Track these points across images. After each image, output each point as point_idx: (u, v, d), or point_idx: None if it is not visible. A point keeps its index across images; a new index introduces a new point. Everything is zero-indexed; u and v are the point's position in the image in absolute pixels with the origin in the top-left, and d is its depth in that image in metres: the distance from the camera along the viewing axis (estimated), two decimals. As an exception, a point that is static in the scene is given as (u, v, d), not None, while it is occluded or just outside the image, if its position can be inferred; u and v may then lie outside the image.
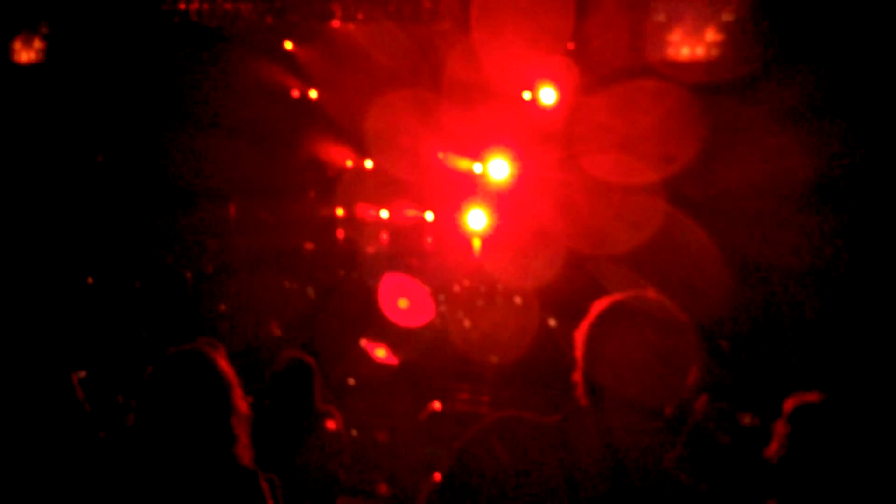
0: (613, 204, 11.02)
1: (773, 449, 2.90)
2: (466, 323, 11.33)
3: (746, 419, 5.20)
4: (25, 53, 12.07)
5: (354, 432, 7.43)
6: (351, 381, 9.50)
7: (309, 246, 13.15)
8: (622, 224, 10.83)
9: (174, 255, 12.29)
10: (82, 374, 4.86)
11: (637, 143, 10.83)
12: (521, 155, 11.87)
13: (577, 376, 2.05)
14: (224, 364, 2.51)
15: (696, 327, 2.04)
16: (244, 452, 2.49)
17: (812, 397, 2.89)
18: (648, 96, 10.31)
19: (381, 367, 10.39)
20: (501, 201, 12.34)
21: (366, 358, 10.54)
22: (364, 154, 13.44)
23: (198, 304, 10.31)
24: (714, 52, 10.63)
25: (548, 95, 11.34)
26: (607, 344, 2.00)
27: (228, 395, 2.47)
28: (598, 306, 2.07)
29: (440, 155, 12.40)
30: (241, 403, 2.53)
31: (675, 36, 10.89)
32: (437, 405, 9.63)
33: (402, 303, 11.34)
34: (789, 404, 2.93)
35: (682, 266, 10.08)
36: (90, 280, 11.58)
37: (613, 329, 2.01)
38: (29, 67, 12.08)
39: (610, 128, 10.83)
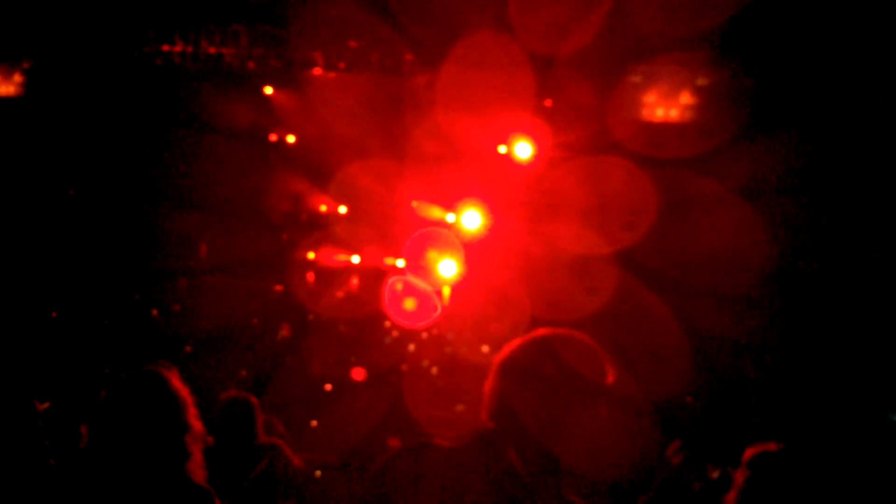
0: (574, 270, 11.20)
1: (731, 496, 2.98)
2: (433, 370, 11.36)
3: (713, 470, 5.27)
4: (4, 86, 12.13)
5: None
6: (313, 423, 9.47)
7: (279, 287, 13.17)
8: (581, 290, 11.02)
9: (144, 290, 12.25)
10: (45, 405, 4.85)
11: (600, 212, 11.06)
12: (493, 208, 12.04)
13: (485, 403, 2.06)
14: (177, 383, 2.52)
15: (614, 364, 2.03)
16: (198, 470, 2.48)
17: (770, 447, 2.98)
18: (617, 163, 10.55)
19: (345, 410, 10.38)
20: (471, 253, 12.49)
21: (330, 400, 10.51)
22: (338, 199, 13.56)
23: (164, 338, 10.31)
24: (686, 115, 10.91)
25: (523, 150, 11.55)
26: (518, 374, 2.00)
27: (181, 413, 2.47)
28: (518, 340, 2.08)
29: (414, 203, 12.55)
30: (195, 422, 2.52)
31: (650, 98, 11.18)
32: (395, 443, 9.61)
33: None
34: (748, 453, 3.01)
35: (641, 333, 10.26)
36: (54, 314, 11.50)
37: (527, 362, 2.01)
38: (8, 100, 12.13)
39: (574, 197, 11.06)
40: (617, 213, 10.98)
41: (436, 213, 12.44)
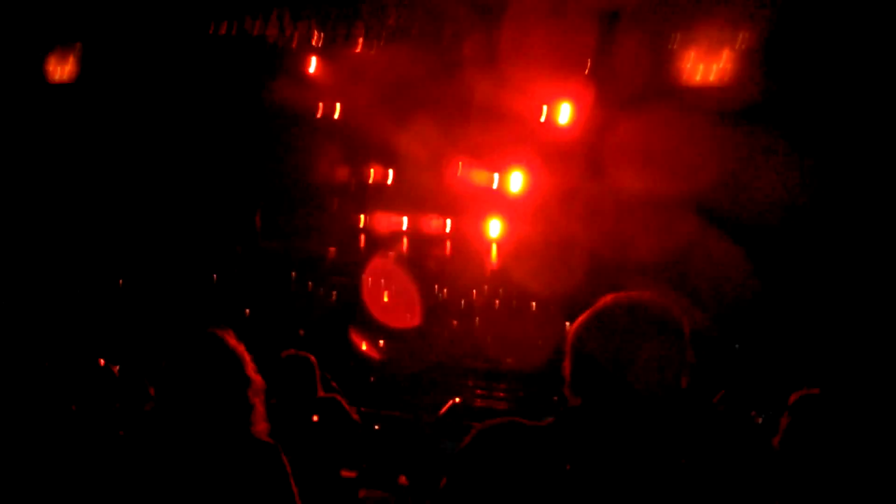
0: (638, 215, 11.15)
1: (777, 440, 3.08)
2: (481, 326, 11.58)
3: (758, 416, 5.39)
4: (59, 72, 12.53)
5: (377, 426, 7.62)
6: (371, 379, 9.75)
7: (331, 252, 13.47)
8: (647, 234, 10.97)
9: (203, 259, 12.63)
10: (115, 368, 5.21)
11: (660, 158, 10.98)
12: (539, 168, 12.11)
13: (565, 368, 1.98)
14: (234, 342, 2.62)
15: (693, 328, 1.98)
16: (261, 422, 2.58)
17: (814, 391, 3.08)
18: (667, 118, 10.48)
19: (403, 364, 10.63)
20: (521, 211, 12.60)
21: (387, 356, 10.76)
22: (385, 166, 13.77)
23: (223, 303, 10.66)
24: (729, 76, 10.81)
25: (564, 113, 11.59)
26: (594, 338, 1.93)
27: (241, 368, 2.58)
28: (599, 303, 2.00)
29: (459, 167, 12.70)
30: (255, 376, 2.61)
31: (692, 59, 11.08)
32: (456, 400, 9.83)
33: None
34: (793, 398, 3.12)
35: (706, 277, 10.27)
36: (120, 282, 11.97)
37: (606, 325, 1.93)
38: (62, 86, 12.53)
39: (633, 144, 10.99)
40: (678, 161, 10.90)
41: (481, 175, 12.58)
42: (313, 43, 11.13)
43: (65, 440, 3.76)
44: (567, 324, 10.08)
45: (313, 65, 11.91)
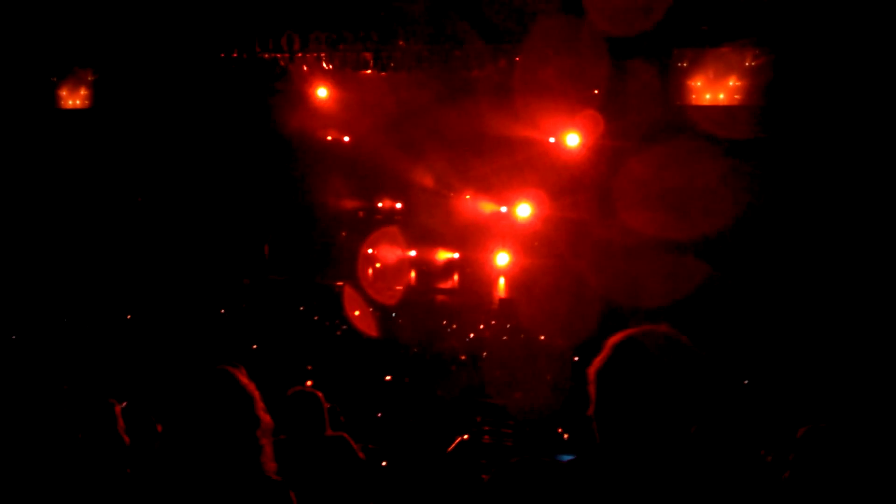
0: (650, 258, 11.13)
1: (787, 475, 3.06)
2: (489, 359, 11.51)
3: (767, 454, 5.34)
4: (71, 99, 12.63)
5: (384, 462, 7.56)
6: (379, 415, 9.67)
7: (339, 283, 13.46)
8: (658, 279, 10.95)
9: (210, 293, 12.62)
10: (124, 404, 5.13)
11: (675, 198, 10.97)
12: (548, 199, 12.11)
13: (591, 412, 2.00)
14: (245, 380, 2.60)
15: (710, 363, 2.00)
16: (269, 463, 2.56)
17: (822, 426, 3.05)
18: (681, 148, 10.49)
19: (410, 399, 10.56)
20: (531, 244, 12.58)
21: (394, 391, 10.69)
22: (394, 196, 13.79)
23: (232, 337, 10.62)
24: (737, 98, 10.85)
25: (572, 141, 11.59)
26: (618, 379, 1.95)
27: (251, 408, 2.56)
28: (611, 342, 2.02)
29: (468, 197, 12.72)
30: (265, 416, 2.60)
31: (699, 82, 11.12)
32: (465, 437, 9.74)
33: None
34: (800, 433, 3.09)
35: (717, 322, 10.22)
36: (128, 317, 11.96)
37: (624, 364, 1.96)
38: (75, 112, 12.62)
39: (647, 182, 10.99)
40: (691, 199, 10.90)
41: (489, 205, 12.58)
42: (323, 67, 11.16)
43: (72, 477, 3.74)
44: (576, 358, 10.03)
45: (323, 91, 11.95)
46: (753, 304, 10.60)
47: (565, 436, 7.89)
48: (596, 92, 11.54)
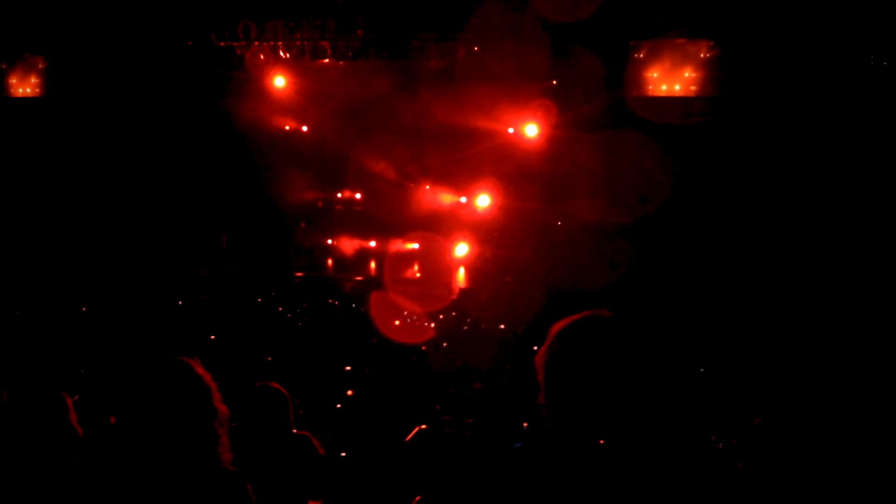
0: (591, 243, 11.30)
1: (740, 464, 3.10)
2: (450, 349, 11.54)
3: (719, 440, 5.43)
4: (22, 87, 12.37)
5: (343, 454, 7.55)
6: (338, 406, 9.66)
7: (298, 274, 13.39)
8: (599, 262, 11.13)
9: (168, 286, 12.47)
10: (76, 397, 5.06)
11: (614, 185, 11.17)
12: (504, 187, 12.16)
13: (541, 399, 2.03)
14: (201, 371, 2.59)
15: (656, 347, 2.03)
16: (226, 453, 2.55)
17: (775, 414, 3.10)
18: (626, 137, 10.66)
19: (366, 390, 10.57)
20: (486, 234, 12.63)
21: (351, 381, 10.68)
22: (353, 186, 13.73)
23: (189, 328, 10.51)
24: (691, 89, 10.98)
25: (531, 131, 11.65)
26: (563, 366, 1.99)
27: (208, 399, 2.54)
28: (555, 329, 2.06)
29: (427, 187, 12.71)
30: (221, 406, 2.58)
31: (654, 73, 11.24)
32: (422, 427, 9.74)
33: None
34: (755, 422, 3.14)
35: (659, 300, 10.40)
36: (84, 308, 11.78)
37: (568, 350, 2.00)
38: (25, 101, 12.35)
39: (589, 170, 11.16)
40: (630, 187, 11.08)
41: (449, 195, 12.59)
42: (280, 55, 11.05)
43: (23, 471, 3.64)
44: (535, 348, 10.09)
45: (280, 80, 11.84)
46: (715, 294, 10.75)
47: (524, 423, 7.94)
48: (554, 83, 11.61)
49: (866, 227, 10.09)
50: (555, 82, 11.60)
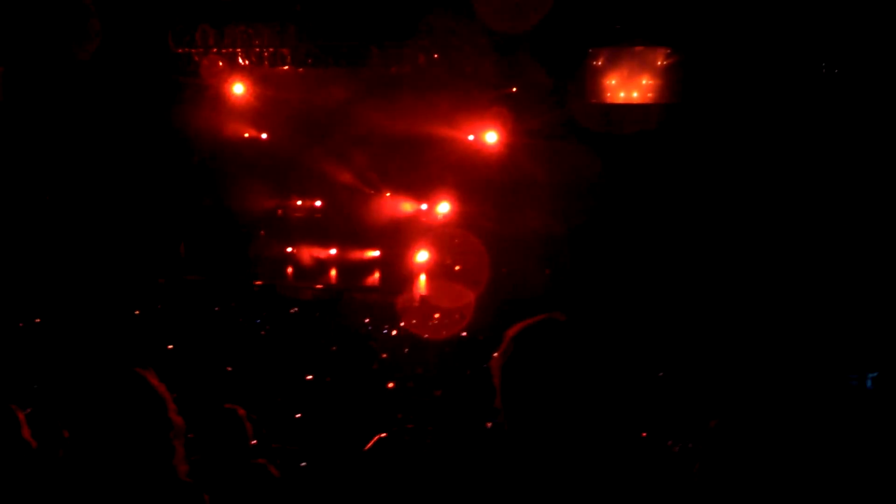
0: (537, 251, 11.40)
1: (696, 468, 3.11)
2: (410, 356, 11.52)
3: (674, 445, 5.46)
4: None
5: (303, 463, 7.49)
6: (298, 415, 9.60)
7: (258, 282, 13.28)
8: (542, 269, 11.24)
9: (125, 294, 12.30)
10: (28, 410, 4.96)
11: (563, 194, 11.27)
12: (463, 195, 12.20)
13: (498, 403, 2.05)
14: (155, 382, 2.56)
15: (611, 348, 2.05)
16: (181, 465, 2.53)
17: (733, 417, 3.12)
18: (583, 144, 10.77)
19: (328, 398, 10.50)
20: (451, 241, 12.66)
21: (317, 391, 10.61)
22: (313, 194, 13.66)
23: (146, 338, 10.38)
24: (649, 96, 11.13)
25: (491, 138, 11.72)
26: (519, 369, 2.01)
27: (164, 411, 2.52)
28: (510, 333, 2.08)
29: (388, 195, 12.69)
30: (177, 418, 2.56)
31: (612, 80, 11.38)
32: (382, 436, 9.69)
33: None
34: (711, 424, 3.15)
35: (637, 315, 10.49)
36: (37, 320, 11.57)
37: (524, 353, 2.02)
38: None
39: (538, 179, 11.26)
40: (579, 195, 11.20)
41: (409, 203, 12.58)
42: (239, 62, 10.98)
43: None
44: (495, 354, 10.11)
45: (239, 87, 11.76)
46: (672, 297, 10.86)
47: (488, 424, 7.95)
48: (514, 90, 11.68)
49: (824, 231, 10.28)
50: (514, 89, 11.68)
